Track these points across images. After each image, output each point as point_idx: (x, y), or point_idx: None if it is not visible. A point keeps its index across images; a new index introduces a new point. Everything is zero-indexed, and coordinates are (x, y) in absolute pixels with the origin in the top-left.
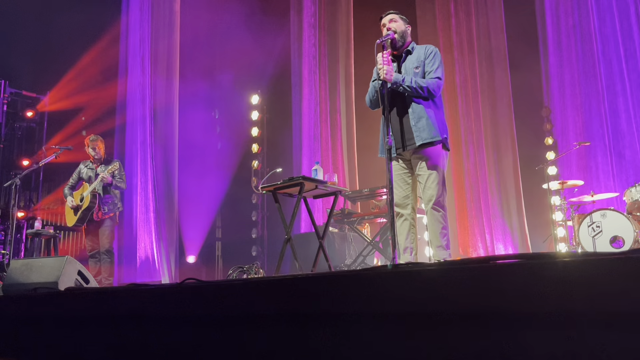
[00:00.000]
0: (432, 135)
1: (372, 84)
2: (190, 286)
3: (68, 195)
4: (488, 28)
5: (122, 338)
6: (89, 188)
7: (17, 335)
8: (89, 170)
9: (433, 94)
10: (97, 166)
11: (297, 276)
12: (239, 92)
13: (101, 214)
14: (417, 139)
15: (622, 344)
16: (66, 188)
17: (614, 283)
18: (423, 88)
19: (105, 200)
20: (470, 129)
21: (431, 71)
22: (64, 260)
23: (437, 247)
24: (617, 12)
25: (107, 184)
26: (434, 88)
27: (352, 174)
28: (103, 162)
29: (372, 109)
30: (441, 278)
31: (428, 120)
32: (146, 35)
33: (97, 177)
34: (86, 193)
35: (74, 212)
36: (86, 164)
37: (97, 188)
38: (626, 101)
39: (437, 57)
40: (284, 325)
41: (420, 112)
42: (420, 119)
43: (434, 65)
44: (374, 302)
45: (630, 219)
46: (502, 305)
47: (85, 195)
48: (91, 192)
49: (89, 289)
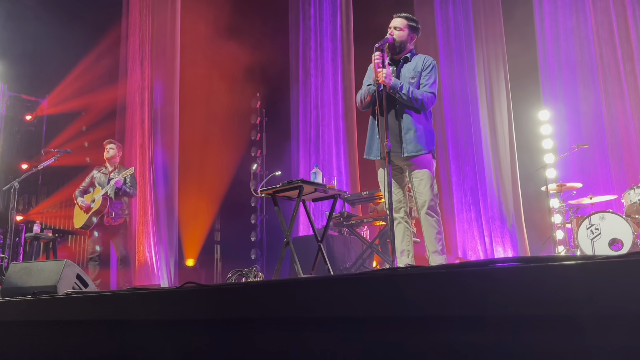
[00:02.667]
0: (418, 149)
1: (367, 88)
2: (189, 290)
3: (79, 196)
4: (487, 31)
5: (121, 342)
6: (100, 191)
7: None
8: (103, 176)
9: (425, 107)
10: (110, 172)
11: (297, 280)
12: (239, 96)
13: (110, 220)
14: (404, 151)
15: (622, 346)
16: (77, 191)
17: (613, 286)
18: (418, 100)
19: (115, 205)
20: (469, 131)
21: (427, 84)
22: (62, 264)
23: (433, 253)
24: (615, 15)
25: (117, 188)
26: (427, 102)
27: (354, 177)
28: (117, 168)
29: (362, 109)
30: (440, 281)
31: (416, 133)
32: (146, 38)
33: (109, 182)
34: (98, 196)
35: (84, 213)
36: (100, 169)
37: (109, 192)
38: (624, 104)
39: (434, 71)
40: (284, 330)
41: (409, 124)
42: (409, 131)
43: (430, 80)
44: (373, 307)
45: (629, 221)
46: (501, 309)
47: (97, 198)
48: (102, 195)
49: (87, 292)
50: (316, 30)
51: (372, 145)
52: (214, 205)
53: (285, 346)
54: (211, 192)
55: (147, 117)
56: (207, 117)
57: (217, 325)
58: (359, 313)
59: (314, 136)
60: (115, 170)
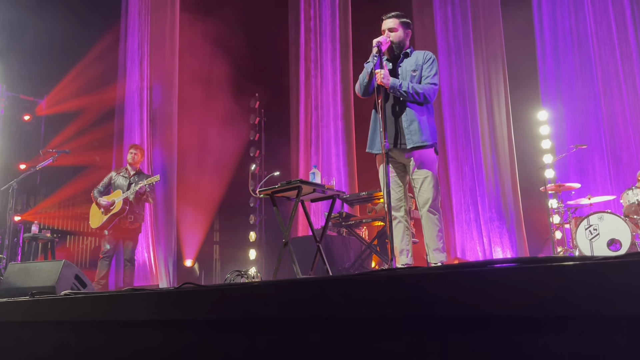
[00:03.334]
0: (423, 139)
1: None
2: (188, 290)
3: (98, 196)
4: (486, 31)
5: (119, 343)
6: (122, 195)
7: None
8: (123, 179)
9: (428, 99)
10: (132, 175)
11: (296, 280)
12: (238, 96)
13: (128, 222)
14: (408, 142)
15: (620, 347)
16: (95, 191)
17: (612, 286)
18: (419, 94)
19: (134, 209)
20: (468, 131)
21: (428, 77)
22: (60, 265)
23: (434, 250)
24: (613, 15)
25: (139, 194)
26: (429, 94)
27: (352, 178)
28: (137, 172)
29: (362, 95)
30: (439, 282)
31: (419, 125)
32: (145, 39)
33: (130, 185)
34: (119, 199)
35: (103, 213)
36: (120, 171)
37: (130, 196)
38: (623, 104)
39: (434, 64)
40: (283, 330)
41: (412, 116)
42: (413, 123)
43: (432, 72)
44: (373, 306)
45: (627, 221)
46: (499, 310)
47: (118, 201)
48: (123, 199)
49: (86, 293)
50: (316, 31)
51: (374, 139)
52: (213, 206)
53: (285, 347)
54: (210, 193)
55: (145, 117)
56: (206, 118)
57: (215, 326)
58: (358, 314)
59: (313, 137)
60: (135, 175)
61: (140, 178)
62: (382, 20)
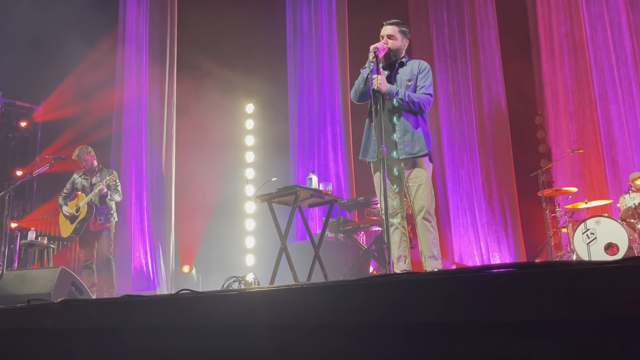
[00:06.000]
0: (416, 150)
1: (361, 73)
2: (185, 297)
3: (63, 205)
4: (481, 36)
5: (116, 350)
6: (85, 199)
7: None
8: (84, 180)
9: (423, 109)
10: (91, 176)
11: (294, 287)
12: (235, 101)
13: (98, 224)
14: (400, 153)
15: (618, 351)
16: (60, 198)
17: (609, 291)
18: (415, 102)
19: (101, 210)
20: (464, 137)
21: (423, 87)
22: (57, 271)
23: (430, 257)
24: (608, 20)
25: (102, 195)
26: (424, 104)
27: (350, 183)
28: (98, 171)
29: (357, 101)
30: (437, 287)
31: (414, 135)
32: (143, 44)
33: (92, 187)
34: (82, 204)
35: (70, 222)
36: (80, 173)
37: (94, 199)
38: (618, 108)
39: (429, 74)
40: (282, 336)
41: (406, 126)
42: (406, 133)
43: (427, 82)
44: (370, 313)
45: (624, 225)
46: (497, 315)
47: (82, 206)
48: (87, 203)
49: (82, 300)
50: (312, 35)
51: (367, 147)
52: (210, 211)
53: (280, 352)
54: (207, 198)
55: (143, 123)
56: (203, 123)
57: (213, 333)
58: (356, 319)
59: (310, 142)
60: (96, 174)
61: (102, 176)
62: (382, 26)
